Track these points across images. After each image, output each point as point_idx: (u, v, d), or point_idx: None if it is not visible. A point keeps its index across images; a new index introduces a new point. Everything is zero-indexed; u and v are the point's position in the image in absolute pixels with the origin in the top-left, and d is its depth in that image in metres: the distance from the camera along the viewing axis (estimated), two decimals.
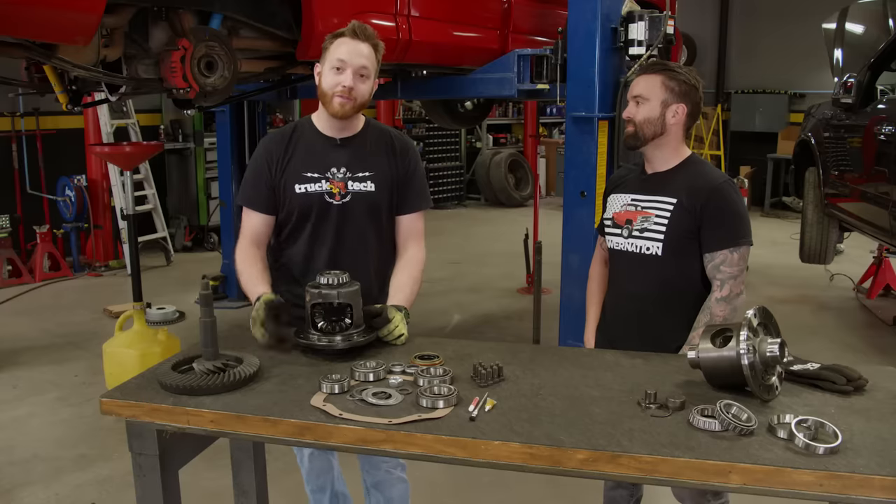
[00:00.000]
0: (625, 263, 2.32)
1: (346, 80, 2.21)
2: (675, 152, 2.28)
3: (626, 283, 2.34)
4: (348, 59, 2.21)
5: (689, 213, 2.19)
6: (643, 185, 2.32)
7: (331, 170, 2.32)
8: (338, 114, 2.26)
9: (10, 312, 6.15)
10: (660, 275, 2.24)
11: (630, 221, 2.28)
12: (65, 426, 4.01)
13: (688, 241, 2.21)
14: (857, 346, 5.27)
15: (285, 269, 2.41)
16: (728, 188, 2.22)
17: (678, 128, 2.26)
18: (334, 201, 2.31)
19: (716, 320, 2.14)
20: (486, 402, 1.73)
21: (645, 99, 2.25)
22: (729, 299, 2.16)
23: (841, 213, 5.79)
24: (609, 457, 1.52)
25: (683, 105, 2.24)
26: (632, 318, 2.32)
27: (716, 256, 2.18)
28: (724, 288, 2.17)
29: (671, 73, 2.25)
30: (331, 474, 2.64)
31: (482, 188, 11.98)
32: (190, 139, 8.48)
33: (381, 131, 2.43)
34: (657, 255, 2.22)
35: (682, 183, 2.24)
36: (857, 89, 5.41)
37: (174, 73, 3.25)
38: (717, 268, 2.18)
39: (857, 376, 1.83)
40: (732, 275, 2.17)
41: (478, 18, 4.72)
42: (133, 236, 4.74)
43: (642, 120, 2.25)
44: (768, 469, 1.45)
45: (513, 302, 6.41)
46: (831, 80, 6.09)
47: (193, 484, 2.59)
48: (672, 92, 2.23)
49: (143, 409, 1.77)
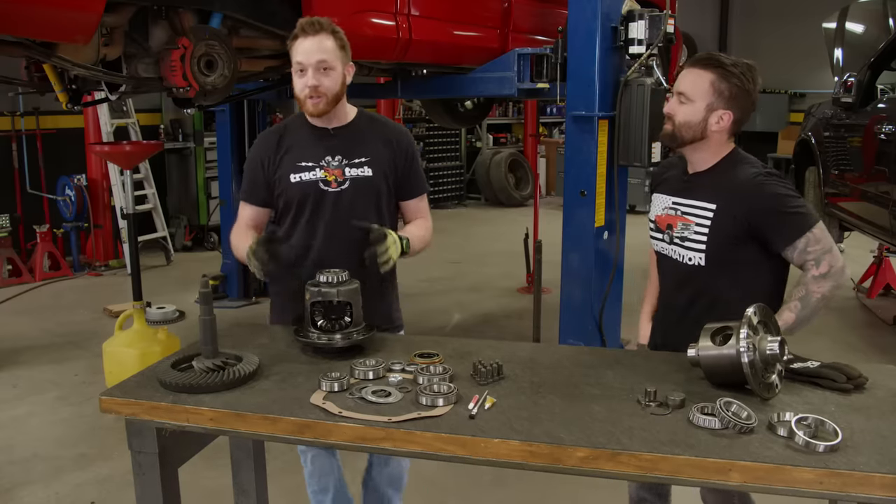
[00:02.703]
0: (670, 271, 2.20)
1: (309, 81, 2.27)
2: (715, 155, 2.11)
3: (672, 292, 2.22)
4: (305, 59, 2.26)
5: (732, 217, 2.03)
6: (684, 188, 2.15)
7: (325, 158, 2.36)
8: (314, 113, 2.33)
9: (10, 312, 6.15)
10: (705, 285, 2.10)
11: (671, 227, 2.15)
12: (65, 425, 4.00)
13: (732, 246, 2.05)
14: (858, 345, 5.27)
15: (288, 262, 2.41)
16: (768, 184, 2.02)
17: (721, 135, 2.06)
18: (330, 188, 2.35)
19: (813, 297, 1.98)
20: (485, 400, 1.73)
21: (689, 99, 2.04)
22: (828, 275, 1.97)
23: (841, 212, 5.80)
24: (609, 455, 1.52)
25: (731, 112, 2.03)
26: (679, 326, 2.18)
27: (796, 246, 1.99)
28: (821, 265, 1.98)
29: (724, 71, 2.01)
30: (333, 475, 2.63)
31: (482, 188, 11.97)
32: (190, 138, 8.48)
33: (374, 119, 2.49)
34: (700, 266, 2.09)
35: (720, 185, 2.07)
36: (857, 89, 5.42)
37: (174, 71, 3.25)
38: (803, 252, 1.99)
39: (857, 374, 1.82)
40: (825, 249, 1.98)
41: (478, 17, 4.72)
42: (133, 236, 4.74)
43: (682, 122, 2.06)
44: (768, 467, 1.45)
45: (513, 301, 6.41)
46: (831, 79, 6.10)
47: (193, 483, 2.58)
48: (721, 96, 2.02)
49: (143, 407, 1.77)
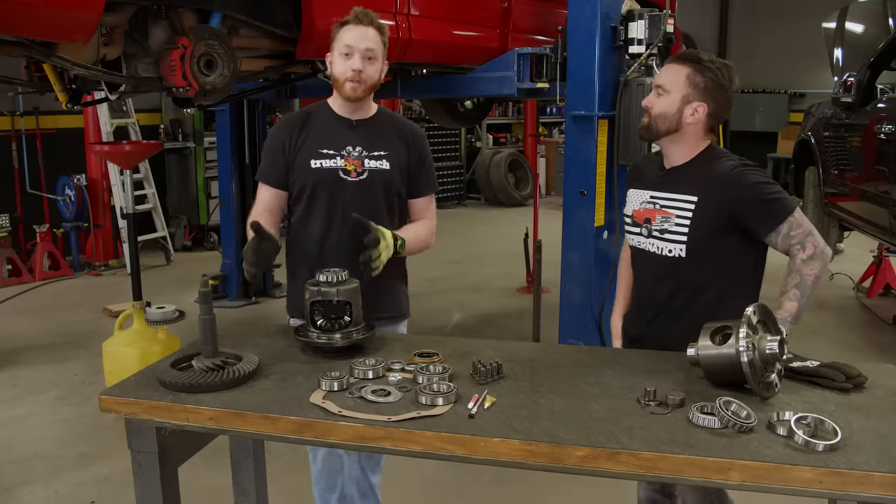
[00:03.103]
0: (648, 264, 2.23)
1: (355, 65, 2.35)
2: (691, 148, 2.17)
3: (649, 286, 2.24)
4: (355, 43, 2.34)
5: (714, 209, 2.08)
6: (661, 182, 2.20)
7: (346, 147, 2.41)
8: (350, 97, 2.38)
9: (9, 312, 6.15)
10: (684, 277, 2.14)
11: (649, 220, 2.18)
12: (64, 425, 4.00)
13: (713, 237, 2.10)
14: (857, 344, 5.27)
15: (303, 250, 2.46)
16: (747, 174, 2.09)
17: (696, 127, 2.14)
18: (349, 178, 2.40)
19: (807, 281, 2.03)
20: (485, 400, 1.73)
21: (666, 91, 2.12)
22: (815, 256, 2.03)
23: (841, 212, 5.80)
24: (608, 454, 1.52)
25: (705, 105, 2.10)
26: (656, 319, 2.22)
27: (780, 231, 2.05)
28: (806, 248, 2.03)
29: (700, 66, 2.10)
30: (341, 475, 2.61)
31: (482, 188, 11.97)
32: (190, 138, 8.48)
33: (393, 117, 2.57)
34: (680, 258, 2.12)
35: (700, 178, 2.12)
36: (856, 88, 5.42)
37: (174, 71, 3.25)
38: (787, 237, 2.05)
39: (856, 373, 1.82)
40: (806, 231, 2.04)
41: (478, 17, 4.71)
42: (133, 235, 4.74)
43: (658, 113, 2.13)
44: (768, 466, 1.45)
45: (513, 301, 6.41)
46: (831, 79, 6.10)
47: (193, 482, 2.58)
48: (696, 88, 2.10)
49: (143, 406, 1.77)
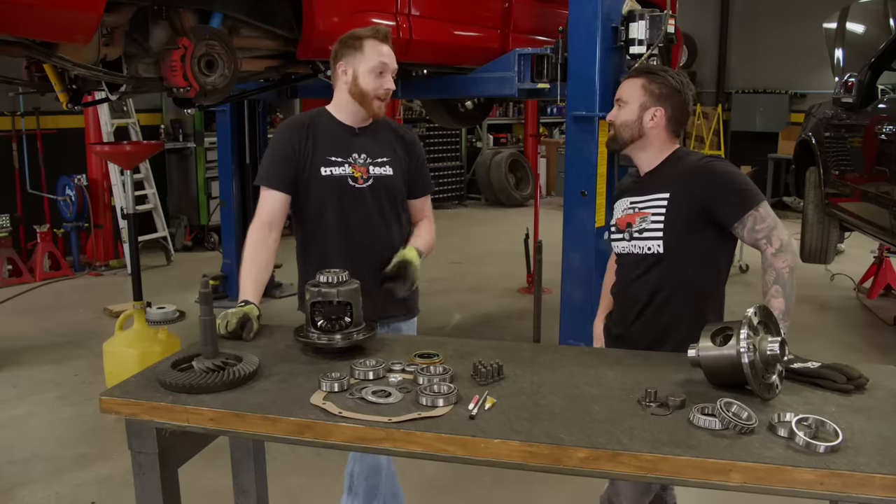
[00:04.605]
0: (630, 266, 2.30)
1: (389, 84, 2.40)
2: (659, 152, 2.28)
3: (632, 284, 2.30)
4: (389, 62, 2.39)
5: (685, 201, 2.18)
6: (638, 188, 2.32)
7: (353, 155, 2.43)
8: (376, 114, 2.42)
9: (10, 312, 6.15)
10: (664, 273, 2.22)
11: (630, 224, 2.28)
12: (65, 425, 4.01)
13: (688, 233, 2.18)
14: (858, 345, 5.27)
15: (314, 260, 2.41)
16: (714, 164, 2.21)
17: (658, 131, 2.25)
18: (357, 185, 2.42)
19: (784, 274, 2.10)
20: (485, 401, 1.72)
21: (625, 102, 2.26)
22: (783, 249, 2.12)
23: (841, 212, 5.79)
24: (609, 455, 1.51)
25: (662, 109, 2.23)
26: (639, 319, 2.28)
27: (745, 223, 2.13)
28: (772, 242, 2.12)
29: (652, 75, 2.25)
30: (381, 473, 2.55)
31: (482, 188, 11.97)
32: (190, 139, 8.49)
33: (389, 123, 2.59)
34: (659, 254, 2.21)
35: (671, 176, 2.23)
36: (857, 89, 5.41)
37: (174, 71, 3.25)
38: (752, 231, 2.14)
39: (857, 375, 1.82)
40: (770, 226, 2.13)
41: (478, 18, 4.72)
42: (133, 236, 4.74)
43: (620, 123, 2.26)
44: (769, 467, 1.45)
45: (513, 301, 6.41)
46: (832, 79, 6.09)
47: (193, 483, 2.58)
48: (651, 95, 2.23)
49: (143, 407, 1.77)
